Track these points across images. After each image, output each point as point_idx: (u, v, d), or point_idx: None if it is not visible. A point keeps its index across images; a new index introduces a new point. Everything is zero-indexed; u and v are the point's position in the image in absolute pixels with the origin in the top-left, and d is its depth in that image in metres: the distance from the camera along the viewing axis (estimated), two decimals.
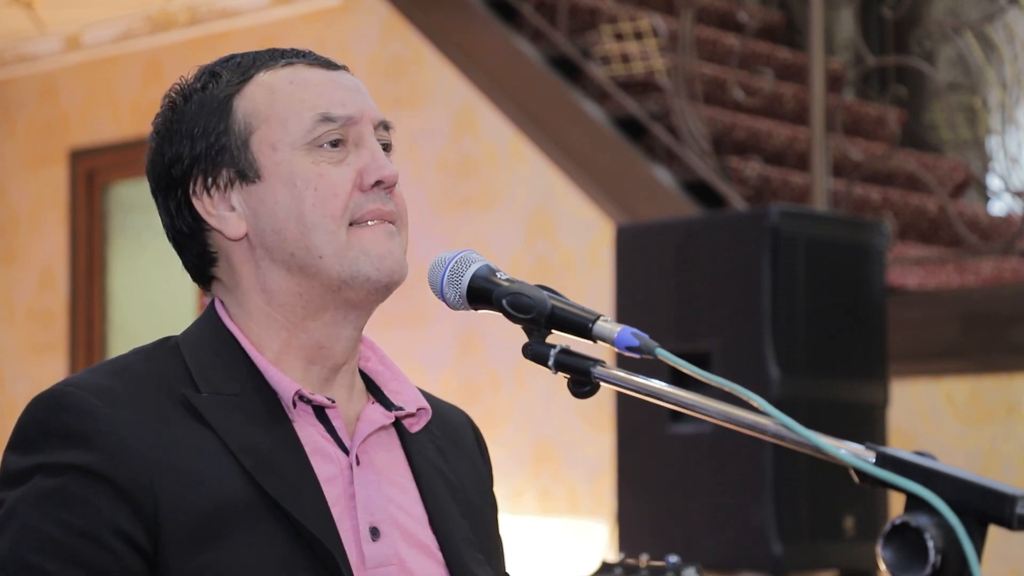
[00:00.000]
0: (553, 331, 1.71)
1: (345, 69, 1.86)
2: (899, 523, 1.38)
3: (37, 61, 7.49)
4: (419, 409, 1.87)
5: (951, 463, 1.47)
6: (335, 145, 1.78)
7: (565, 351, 1.70)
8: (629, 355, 1.65)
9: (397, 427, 1.86)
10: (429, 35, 6.07)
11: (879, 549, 1.39)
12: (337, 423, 1.79)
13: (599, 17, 6.02)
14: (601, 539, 5.27)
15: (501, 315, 1.73)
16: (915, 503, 1.39)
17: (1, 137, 7.63)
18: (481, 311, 1.76)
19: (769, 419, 1.54)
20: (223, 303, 1.84)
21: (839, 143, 5.47)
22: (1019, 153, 5.63)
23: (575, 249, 5.62)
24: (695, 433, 4.05)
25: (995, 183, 6.44)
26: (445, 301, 1.77)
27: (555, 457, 5.60)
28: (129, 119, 7.11)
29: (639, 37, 5.87)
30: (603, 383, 1.69)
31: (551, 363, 1.70)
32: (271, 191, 1.77)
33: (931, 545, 1.36)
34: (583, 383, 1.70)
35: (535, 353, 1.72)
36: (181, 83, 1.85)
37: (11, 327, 7.51)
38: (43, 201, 7.46)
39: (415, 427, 1.87)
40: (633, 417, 4.20)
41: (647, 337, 1.64)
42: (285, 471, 1.71)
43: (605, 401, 4.77)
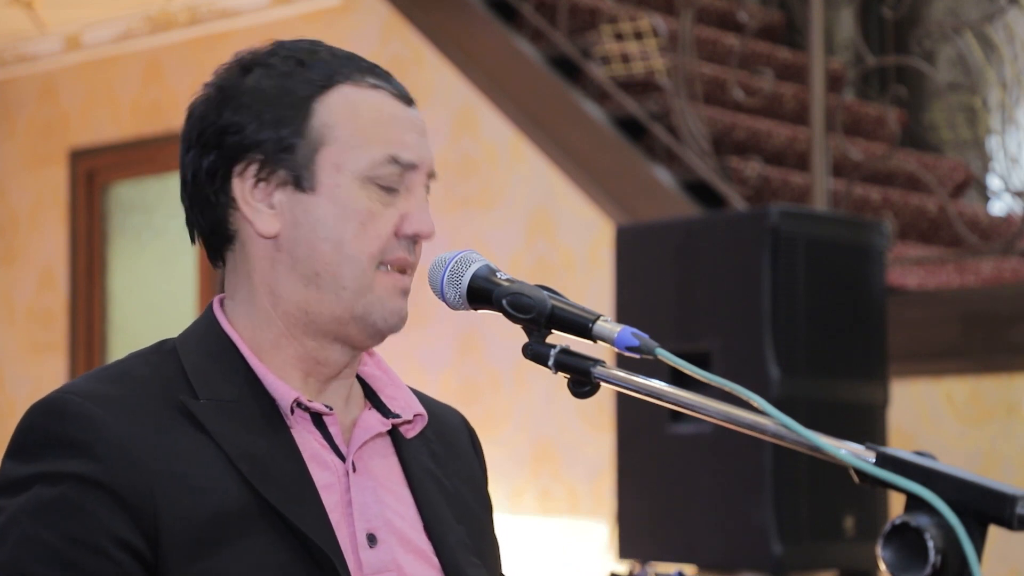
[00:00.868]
0: (553, 331, 1.71)
1: (414, 103, 1.83)
2: (899, 523, 1.38)
3: (37, 61, 7.49)
4: (415, 416, 1.87)
5: (951, 463, 1.47)
6: (390, 187, 1.77)
7: (565, 351, 1.70)
8: (629, 355, 1.65)
9: (392, 432, 1.86)
10: (429, 35, 6.07)
11: (879, 549, 1.39)
12: (334, 430, 1.79)
13: (599, 17, 6.02)
14: (601, 539, 5.27)
15: (501, 315, 1.73)
16: (915, 503, 1.39)
17: (1, 137, 7.63)
18: (481, 311, 1.76)
19: (769, 419, 1.54)
20: (226, 302, 1.83)
21: (839, 143, 5.47)
22: (1019, 153, 5.63)
23: (575, 249, 5.62)
24: (695, 433, 4.05)
25: (995, 183, 6.44)
26: (445, 301, 1.77)
27: (555, 457, 5.60)
28: (129, 119, 7.11)
29: (639, 37, 5.87)
30: (603, 383, 1.69)
31: (551, 363, 1.70)
32: (320, 208, 1.76)
33: (931, 545, 1.36)
34: (583, 383, 1.70)
35: (535, 353, 1.72)
36: (257, 52, 1.81)
37: (11, 327, 7.51)
38: (43, 201, 7.45)
39: (410, 433, 1.86)
40: (633, 417, 4.20)
41: (647, 337, 1.64)
42: (284, 478, 1.71)
43: (605, 401, 4.77)
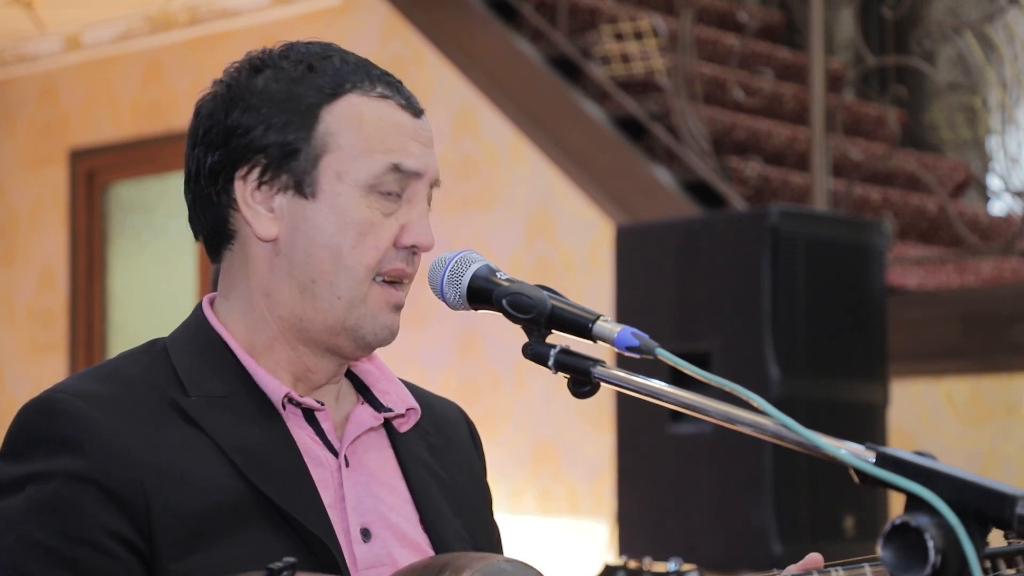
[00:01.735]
0: (553, 331, 1.71)
1: (423, 113, 1.83)
2: (899, 523, 1.38)
3: (37, 61, 7.48)
4: (408, 410, 1.87)
5: (951, 463, 1.47)
6: (391, 195, 1.77)
7: (565, 351, 1.70)
8: (629, 355, 1.65)
9: (387, 427, 1.86)
10: (429, 35, 6.07)
11: (879, 549, 1.39)
12: (326, 425, 1.79)
13: (599, 17, 6.02)
14: (601, 539, 5.27)
15: (501, 315, 1.73)
16: (915, 503, 1.39)
17: (1, 137, 7.63)
18: (481, 311, 1.76)
19: (769, 419, 1.53)
20: (217, 299, 1.84)
21: (839, 143, 5.47)
22: (1019, 153, 5.63)
23: (575, 249, 5.62)
24: (695, 433, 4.05)
25: (995, 183, 6.44)
26: (445, 301, 1.77)
27: (555, 457, 5.60)
28: (129, 119, 7.11)
29: (639, 37, 5.87)
30: (603, 383, 1.69)
31: (551, 363, 1.70)
32: (319, 215, 1.76)
33: (931, 545, 1.36)
34: (583, 383, 1.70)
35: (535, 353, 1.72)
36: (268, 53, 1.81)
37: (11, 327, 7.50)
38: (43, 201, 7.45)
39: (404, 427, 1.87)
40: (633, 417, 4.20)
41: (647, 337, 1.64)
42: (279, 469, 1.71)
43: (605, 401, 4.77)
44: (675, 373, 1.65)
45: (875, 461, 1.45)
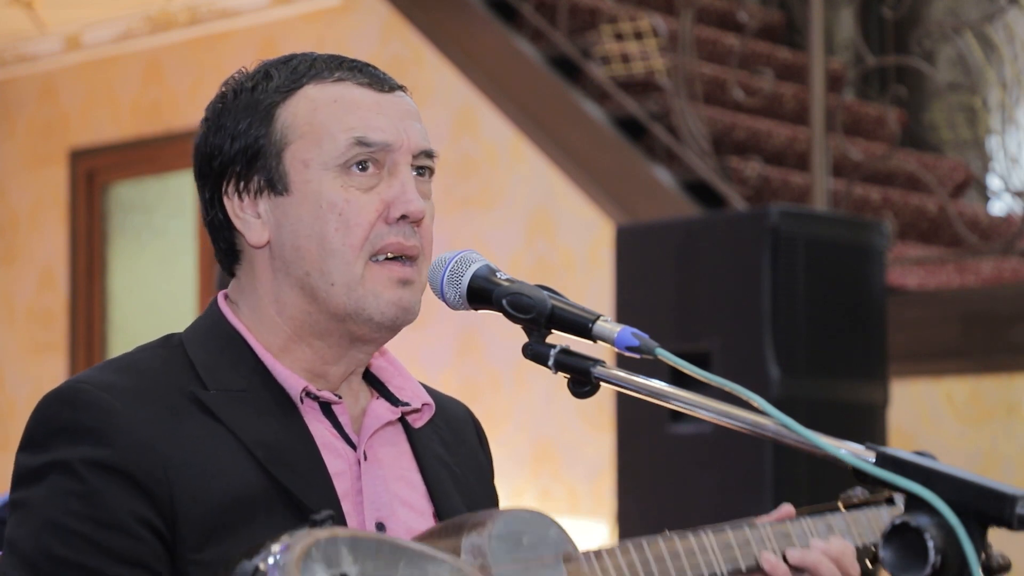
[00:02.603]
0: (553, 331, 1.71)
1: (402, 90, 1.82)
2: (899, 523, 1.38)
3: (37, 61, 7.49)
4: (424, 404, 1.87)
5: (951, 463, 1.47)
6: (365, 168, 1.76)
7: (565, 351, 1.70)
8: (629, 355, 1.65)
9: (402, 422, 1.87)
10: (429, 35, 6.07)
11: (879, 549, 1.39)
12: (343, 419, 1.80)
13: (599, 17, 6.02)
14: (601, 539, 5.27)
15: (501, 315, 1.73)
16: (915, 503, 1.39)
17: (1, 137, 7.63)
18: (481, 311, 1.76)
19: (769, 419, 1.54)
20: (231, 300, 1.84)
21: (839, 143, 5.47)
22: (1019, 153, 5.63)
23: (575, 249, 5.62)
24: (695, 433, 4.05)
25: (995, 183, 6.44)
26: (445, 301, 1.77)
27: (555, 457, 5.60)
28: (129, 119, 7.11)
29: (639, 37, 5.87)
30: (603, 383, 1.69)
31: (551, 363, 1.71)
32: (297, 207, 1.76)
33: (931, 545, 1.36)
34: (583, 383, 1.70)
35: (535, 353, 1.72)
36: (237, 75, 1.84)
37: (11, 327, 7.50)
38: (43, 201, 7.45)
39: (419, 422, 1.87)
40: (633, 417, 4.20)
41: (647, 337, 1.64)
42: (298, 463, 1.72)
43: (605, 401, 4.77)
44: (675, 373, 1.65)
45: (875, 461, 1.45)
